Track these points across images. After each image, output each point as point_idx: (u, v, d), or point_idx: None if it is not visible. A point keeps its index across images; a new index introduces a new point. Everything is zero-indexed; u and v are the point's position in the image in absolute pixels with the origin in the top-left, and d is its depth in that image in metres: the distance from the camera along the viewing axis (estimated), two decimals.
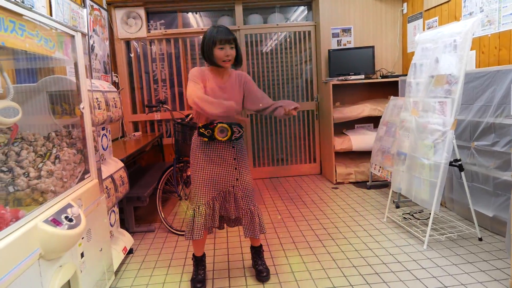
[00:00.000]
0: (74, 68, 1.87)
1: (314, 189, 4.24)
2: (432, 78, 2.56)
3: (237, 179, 2.19)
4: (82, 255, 1.72)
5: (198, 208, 2.12)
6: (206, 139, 2.11)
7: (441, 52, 2.51)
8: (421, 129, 2.62)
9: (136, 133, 4.64)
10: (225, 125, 2.08)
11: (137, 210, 3.76)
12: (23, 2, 1.49)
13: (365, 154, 4.39)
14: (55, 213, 1.45)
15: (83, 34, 1.93)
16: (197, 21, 4.98)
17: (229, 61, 2.06)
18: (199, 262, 2.27)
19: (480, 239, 2.58)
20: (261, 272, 2.27)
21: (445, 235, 2.62)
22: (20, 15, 1.36)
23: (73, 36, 1.82)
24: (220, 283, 2.27)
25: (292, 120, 4.92)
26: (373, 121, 4.61)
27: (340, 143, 4.33)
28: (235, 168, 2.19)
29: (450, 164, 2.50)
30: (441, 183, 2.41)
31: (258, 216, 2.23)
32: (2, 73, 1.46)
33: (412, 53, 4.17)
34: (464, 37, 2.33)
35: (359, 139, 4.34)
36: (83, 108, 1.89)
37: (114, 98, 2.57)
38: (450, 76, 2.40)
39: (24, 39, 1.37)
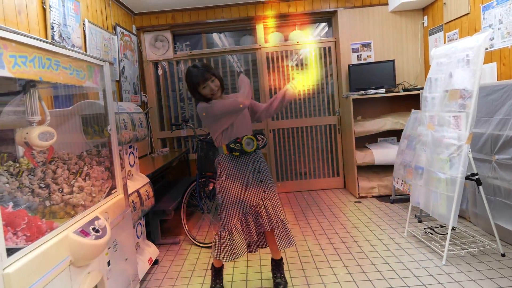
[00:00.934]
0: (103, 94, 2.07)
1: (337, 203, 4.26)
2: (447, 93, 2.57)
3: (264, 191, 2.27)
4: (108, 263, 1.88)
5: (235, 227, 2.20)
6: (237, 154, 2.21)
7: (454, 66, 2.53)
8: (437, 143, 2.63)
9: (164, 149, 4.88)
10: (250, 136, 2.21)
11: (164, 223, 3.94)
12: (62, 42, 1.71)
13: (388, 168, 4.37)
14: (84, 225, 1.62)
15: (111, 63, 2.13)
16: (221, 41, 5.21)
17: (217, 92, 2.19)
18: (217, 272, 2.38)
19: (503, 255, 2.52)
20: (278, 284, 2.34)
21: (464, 250, 2.58)
22: (55, 53, 1.56)
23: (101, 66, 2.03)
24: None
25: (315, 134, 4.99)
26: (397, 134, 4.58)
27: (362, 157, 4.35)
28: (261, 181, 2.28)
29: (468, 178, 2.49)
30: (458, 197, 2.41)
31: (287, 226, 2.30)
32: (40, 102, 1.67)
33: None
34: (477, 52, 2.35)
35: (381, 153, 4.34)
36: (110, 129, 2.09)
37: (140, 119, 2.78)
38: (463, 91, 2.41)
39: (58, 73, 1.57)
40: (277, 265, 2.42)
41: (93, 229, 1.64)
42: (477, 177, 2.48)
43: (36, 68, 1.44)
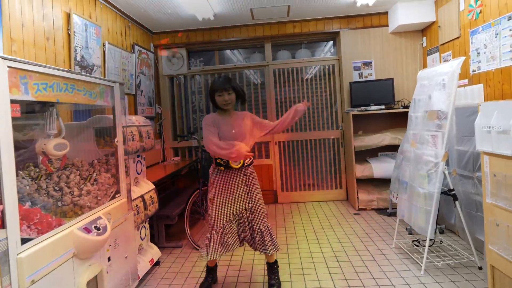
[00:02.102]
0: (112, 111, 2.39)
1: (336, 215, 4.43)
2: (426, 113, 2.76)
3: (249, 203, 2.53)
4: (109, 259, 2.16)
5: (216, 231, 2.48)
6: (222, 168, 2.50)
7: (433, 89, 2.72)
8: (418, 160, 2.80)
9: (175, 158, 5.20)
10: None
11: (169, 227, 4.23)
12: (83, 62, 2.03)
13: (388, 182, 4.50)
14: (87, 223, 1.91)
15: (121, 84, 2.45)
16: (232, 57, 5.53)
17: (229, 104, 2.46)
18: (210, 270, 2.63)
19: (480, 268, 2.65)
20: (272, 286, 2.57)
21: (443, 262, 2.73)
22: (71, 79, 1.88)
23: (112, 87, 2.35)
24: None
25: (319, 147, 5.19)
26: (397, 149, 4.72)
27: (361, 171, 4.52)
28: (247, 193, 2.54)
29: (445, 193, 2.65)
30: (435, 211, 2.57)
31: (270, 234, 2.53)
32: (58, 118, 2.00)
33: None
34: (451, 77, 2.54)
35: (380, 167, 4.50)
36: (117, 141, 2.40)
37: (147, 131, 3.09)
38: (440, 112, 2.59)
39: (73, 95, 1.89)
40: (270, 268, 2.65)
41: (95, 227, 1.93)
42: (453, 192, 2.64)
43: (55, 92, 1.76)
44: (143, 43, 4.66)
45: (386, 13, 4.85)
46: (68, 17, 2.96)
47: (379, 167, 4.49)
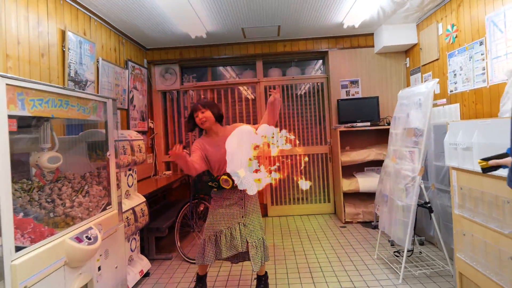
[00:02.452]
0: (105, 125, 2.50)
1: (323, 228, 4.53)
2: (405, 130, 2.91)
3: (242, 216, 2.61)
4: (99, 268, 2.24)
5: (209, 238, 2.57)
6: (215, 189, 2.60)
7: (411, 108, 2.87)
8: (397, 174, 2.94)
9: (167, 172, 5.29)
10: (226, 176, 2.54)
11: (161, 240, 4.29)
12: (77, 78, 2.14)
13: (373, 195, 4.62)
14: (79, 233, 2.00)
15: (114, 100, 2.57)
16: (224, 73, 5.69)
17: (206, 122, 2.56)
18: (199, 279, 2.70)
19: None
20: None
21: (419, 271, 2.84)
22: (65, 95, 2.00)
23: (105, 102, 2.46)
24: None
25: (308, 162, 5.32)
26: (382, 164, 4.86)
27: (348, 185, 4.64)
28: (242, 207, 2.62)
29: (421, 206, 2.77)
30: (412, 223, 2.69)
31: (264, 247, 2.63)
32: (52, 132, 2.10)
33: None
34: (426, 97, 2.70)
35: (366, 181, 4.63)
36: (109, 155, 2.50)
37: (139, 145, 3.20)
38: (416, 129, 2.74)
39: (67, 110, 2.00)
40: (258, 280, 2.74)
41: (86, 237, 2.02)
42: (429, 205, 2.77)
43: (50, 107, 1.87)
44: (136, 59, 4.80)
45: (372, 34, 5.06)
46: (63, 34, 3.08)
47: (365, 182, 4.62)
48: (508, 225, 1.73)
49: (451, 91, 3.73)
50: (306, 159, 2.69)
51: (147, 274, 3.26)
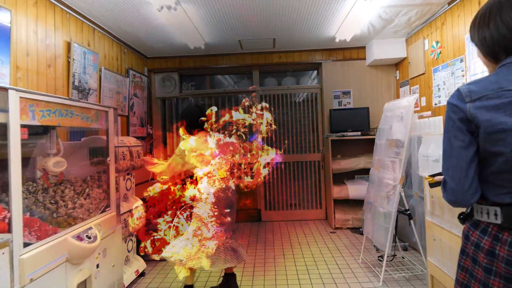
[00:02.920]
0: (106, 133, 2.68)
1: (314, 233, 4.70)
2: (388, 141, 3.10)
3: None
4: (97, 266, 2.41)
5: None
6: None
7: (394, 120, 3.06)
8: (380, 183, 3.12)
9: (165, 177, 5.45)
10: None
11: (159, 240, 4.44)
12: (80, 86, 2.32)
13: (363, 202, 4.80)
14: (80, 232, 2.17)
15: (115, 109, 2.76)
16: (223, 81, 5.90)
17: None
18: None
19: None
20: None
21: (398, 274, 3.02)
22: (71, 105, 2.18)
23: (107, 112, 2.65)
24: None
25: (302, 169, 5.50)
26: None
27: (338, 192, 4.82)
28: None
29: (402, 212, 2.95)
30: (392, 229, 2.87)
31: (239, 247, 2.80)
32: (57, 139, 2.28)
33: None
34: (407, 111, 2.89)
35: (356, 189, 4.80)
36: (109, 160, 2.68)
37: (138, 151, 3.38)
38: (398, 141, 2.93)
39: (72, 119, 2.19)
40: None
41: (87, 236, 2.19)
42: (408, 212, 2.95)
43: (57, 117, 2.06)
44: (137, 67, 5.00)
45: (364, 47, 5.27)
46: (69, 46, 3.28)
47: (355, 189, 4.80)
48: None
49: (435, 104, 3.92)
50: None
51: (142, 274, 3.43)
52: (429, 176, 1.33)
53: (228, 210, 2.75)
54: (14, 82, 2.58)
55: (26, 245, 1.77)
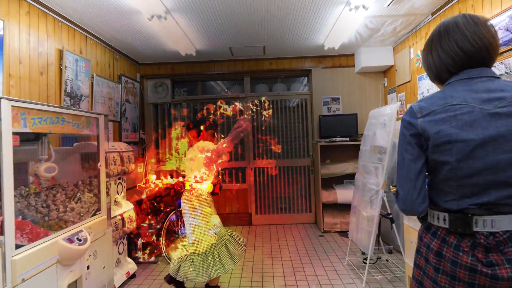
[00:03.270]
0: (97, 139, 2.76)
1: (303, 236, 4.79)
2: (372, 147, 3.21)
3: None
4: (88, 267, 2.48)
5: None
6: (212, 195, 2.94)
7: (377, 127, 3.18)
8: (364, 187, 3.23)
9: (157, 181, 5.52)
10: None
11: (148, 244, 4.51)
12: (72, 93, 2.41)
13: (350, 206, 4.92)
14: (70, 235, 2.25)
15: (105, 115, 2.84)
16: (216, 86, 6.00)
17: None
18: (179, 285, 2.95)
19: None
20: None
21: (380, 276, 3.12)
22: (62, 113, 2.27)
23: (97, 118, 2.73)
24: None
25: (292, 174, 5.60)
26: None
27: (327, 196, 4.92)
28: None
29: (384, 216, 3.06)
30: (375, 232, 2.97)
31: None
32: (48, 145, 2.36)
33: None
34: (390, 118, 3.00)
35: (344, 193, 4.91)
36: (100, 165, 2.76)
37: (128, 156, 3.46)
38: (381, 147, 3.04)
39: (63, 126, 2.27)
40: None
41: (77, 238, 2.27)
42: (390, 216, 3.06)
43: (48, 124, 2.14)
44: (130, 73, 5.08)
45: (353, 55, 5.40)
46: (61, 54, 3.36)
47: (343, 193, 4.90)
48: None
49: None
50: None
51: (133, 276, 3.49)
52: (393, 186, 1.43)
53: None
54: (7, 90, 2.65)
55: (18, 246, 1.84)
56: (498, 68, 2.82)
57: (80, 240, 2.27)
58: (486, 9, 2.92)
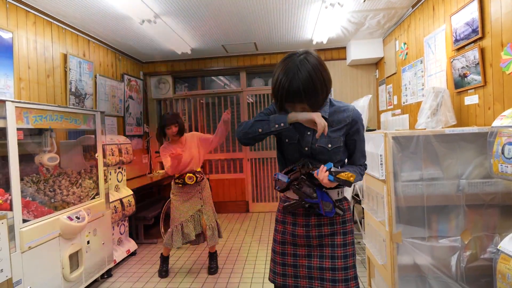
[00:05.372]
0: (94, 133, 3.17)
1: None
2: None
3: (202, 206, 3.27)
4: (88, 242, 2.91)
5: (176, 227, 3.22)
6: (181, 185, 3.23)
7: None
8: None
9: (161, 171, 5.96)
10: (191, 174, 3.19)
11: (151, 228, 4.96)
12: (77, 92, 2.80)
13: None
14: (71, 213, 2.67)
15: (102, 112, 3.24)
16: (216, 81, 6.35)
17: (176, 135, 3.21)
18: (165, 259, 3.35)
19: None
20: (211, 268, 3.30)
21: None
22: (61, 111, 2.67)
23: (94, 115, 3.13)
24: (182, 274, 3.32)
25: None
26: None
27: None
28: (200, 199, 3.28)
29: (357, 202, 3.36)
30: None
31: (217, 230, 3.28)
32: (51, 138, 2.78)
33: (383, 111, 5.08)
34: (362, 110, 3.28)
35: None
36: (97, 156, 3.17)
37: (126, 148, 3.87)
38: None
39: (62, 123, 2.68)
40: (211, 256, 3.38)
41: (76, 217, 2.69)
42: (359, 199, 3.35)
43: (48, 121, 2.54)
44: (133, 72, 5.49)
45: (344, 48, 5.63)
46: (65, 57, 3.77)
47: None
48: (380, 214, 2.30)
49: (403, 103, 4.26)
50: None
51: (133, 253, 3.93)
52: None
53: None
54: (18, 92, 3.08)
55: (25, 221, 2.27)
56: (460, 61, 3.03)
57: (78, 218, 2.69)
58: (453, 1, 3.05)
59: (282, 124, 1.47)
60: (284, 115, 1.48)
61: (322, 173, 1.39)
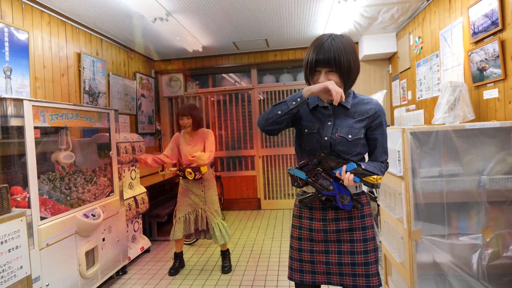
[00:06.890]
0: (108, 131, 3.19)
1: None
2: None
3: (204, 203, 3.27)
4: (103, 239, 2.93)
5: (179, 219, 3.24)
6: (181, 177, 3.29)
7: None
8: None
9: (173, 168, 5.97)
10: (190, 170, 3.20)
11: (165, 225, 4.98)
12: (91, 91, 2.82)
13: None
14: (86, 211, 2.69)
15: (115, 110, 3.25)
16: (226, 79, 6.35)
17: (188, 127, 3.22)
18: (176, 256, 3.36)
19: None
20: (224, 267, 3.29)
21: None
22: (76, 110, 2.69)
23: (108, 113, 3.15)
24: (195, 272, 3.33)
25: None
26: None
27: None
28: (203, 197, 3.28)
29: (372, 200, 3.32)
30: None
31: (220, 228, 3.27)
32: (67, 136, 2.80)
33: (396, 107, 5.01)
34: None
35: None
36: (112, 153, 3.19)
37: (140, 146, 3.88)
38: None
39: (77, 121, 2.70)
40: (223, 254, 3.38)
41: (92, 214, 2.71)
42: (375, 197, 3.31)
43: (64, 119, 2.56)
44: (144, 70, 5.52)
45: (357, 43, 5.56)
46: (79, 57, 3.80)
47: None
48: (398, 211, 2.26)
49: (418, 98, 4.19)
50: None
51: (147, 251, 3.96)
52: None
53: None
54: (34, 91, 3.11)
55: (42, 218, 2.29)
56: (478, 54, 2.96)
57: (94, 215, 2.71)
58: None
59: (299, 99, 1.47)
60: (298, 92, 1.49)
61: (344, 175, 1.36)
